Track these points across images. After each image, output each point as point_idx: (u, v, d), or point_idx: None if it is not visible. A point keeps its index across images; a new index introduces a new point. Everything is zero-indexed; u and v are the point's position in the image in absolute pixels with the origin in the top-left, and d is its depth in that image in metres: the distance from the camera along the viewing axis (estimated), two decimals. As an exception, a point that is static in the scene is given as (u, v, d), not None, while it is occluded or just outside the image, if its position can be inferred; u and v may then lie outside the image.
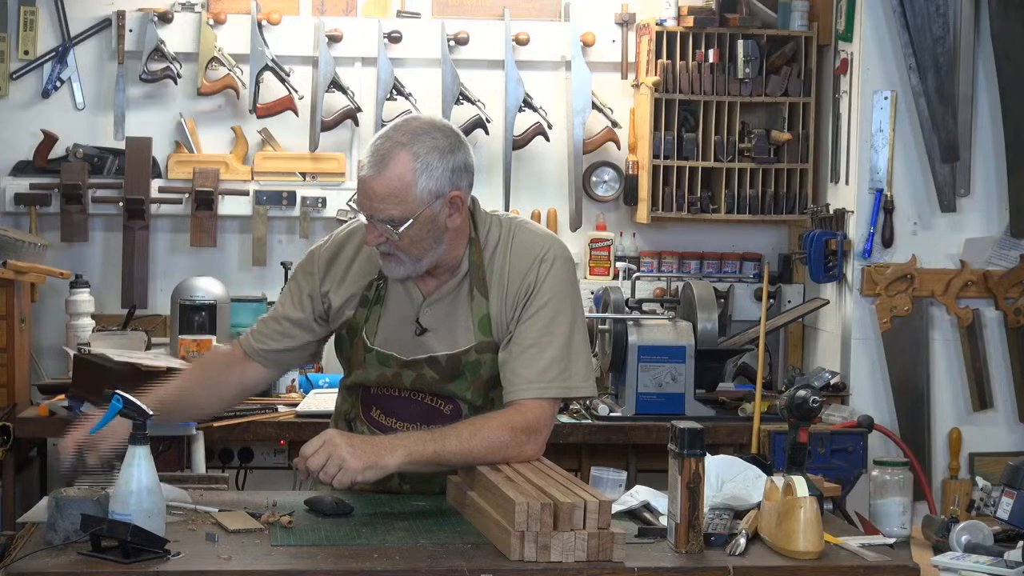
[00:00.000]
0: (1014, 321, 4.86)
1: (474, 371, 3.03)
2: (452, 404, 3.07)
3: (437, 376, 3.04)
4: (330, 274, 3.10)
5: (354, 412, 3.17)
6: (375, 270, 3.04)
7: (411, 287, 3.04)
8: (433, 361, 3.03)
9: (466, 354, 3.02)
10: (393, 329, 3.05)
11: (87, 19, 5.09)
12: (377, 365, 3.06)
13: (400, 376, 3.05)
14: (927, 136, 4.80)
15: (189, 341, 4.47)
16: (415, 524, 2.93)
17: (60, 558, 2.62)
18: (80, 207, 5.00)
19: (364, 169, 2.91)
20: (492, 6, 5.20)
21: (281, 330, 3.14)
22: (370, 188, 2.90)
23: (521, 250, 3.03)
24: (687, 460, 2.74)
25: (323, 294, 3.10)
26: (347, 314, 3.09)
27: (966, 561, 3.05)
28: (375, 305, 3.06)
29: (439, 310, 3.04)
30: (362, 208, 2.93)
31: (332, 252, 3.12)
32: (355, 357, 3.10)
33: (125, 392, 2.86)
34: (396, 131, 2.92)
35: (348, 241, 3.12)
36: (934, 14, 4.72)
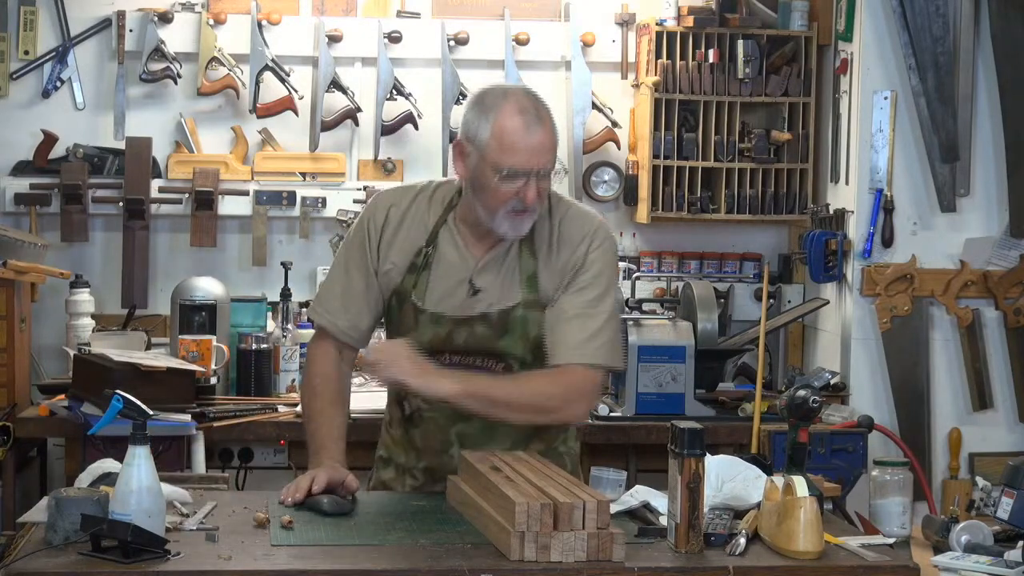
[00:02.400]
0: (1014, 321, 4.86)
1: (522, 327, 3.13)
2: (503, 363, 3.16)
3: (488, 332, 3.13)
4: (383, 243, 3.20)
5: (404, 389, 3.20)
6: (423, 238, 3.17)
7: (464, 251, 3.16)
8: (484, 317, 3.13)
9: (514, 310, 3.13)
10: (445, 291, 3.15)
11: (87, 19, 5.09)
12: (430, 326, 3.15)
13: (452, 335, 3.14)
14: (927, 136, 4.80)
15: (189, 341, 4.47)
16: (415, 524, 2.93)
17: (60, 558, 2.62)
18: (80, 207, 5.00)
19: (526, 127, 3.03)
20: (492, 6, 5.20)
21: (367, 306, 3.23)
22: (540, 143, 3.05)
23: (573, 222, 3.18)
24: (687, 460, 2.74)
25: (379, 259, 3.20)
26: (395, 280, 3.19)
27: (966, 561, 3.05)
28: (423, 271, 3.16)
29: (492, 271, 3.16)
30: (529, 165, 3.03)
31: (382, 221, 3.21)
32: (404, 323, 3.18)
33: (125, 392, 2.86)
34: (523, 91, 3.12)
35: (397, 206, 3.22)
36: (934, 14, 4.72)
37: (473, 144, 3.07)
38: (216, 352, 4.48)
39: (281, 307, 4.85)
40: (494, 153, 3.04)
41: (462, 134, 3.12)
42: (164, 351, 4.63)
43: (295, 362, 4.63)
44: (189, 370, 4.31)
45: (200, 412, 4.25)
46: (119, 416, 2.87)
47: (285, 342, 4.66)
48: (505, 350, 3.15)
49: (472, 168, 3.09)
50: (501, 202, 3.05)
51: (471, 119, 3.09)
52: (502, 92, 3.11)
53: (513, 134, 3.03)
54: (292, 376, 4.62)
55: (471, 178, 3.10)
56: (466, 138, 3.10)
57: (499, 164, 3.03)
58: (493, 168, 3.04)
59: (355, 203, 5.09)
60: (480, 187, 3.08)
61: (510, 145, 3.03)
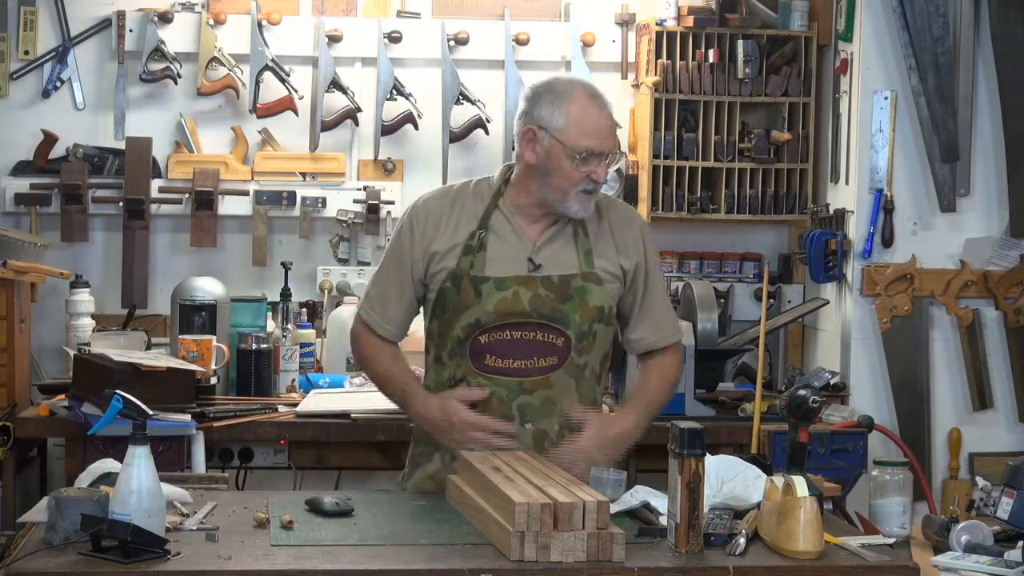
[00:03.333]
0: (1014, 321, 4.86)
1: (581, 296, 3.32)
2: (563, 337, 3.32)
3: (551, 295, 3.31)
4: (428, 232, 3.37)
5: (461, 371, 3.34)
6: (474, 222, 3.35)
7: (520, 233, 3.35)
8: (547, 280, 3.32)
9: (573, 279, 3.33)
10: (503, 267, 3.32)
11: (87, 19, 5.09)
12: (495, 292, 3.30)
13: (519, 296, 3.30)
14: (927, 136, 4.80)
15: (189, 341, 4.46)
16: (415, 524, 2.94)
17: (60, 558, 2.62)
18: (80, 207, 5.00)
19: (599, 111, 3.28)
20: (492, 6, 5.20)
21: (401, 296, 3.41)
22: (611, 126, 3.30)
23: (617, 210, 3.46)
24: (687, 460, 2.75)
25: (428, 253, 3.36)
26: (449, 264, 3.34)
27: (966, 561, 3.05)
28: (479, 251, 3.33)
29: (550, 248, 3.35)
30: (603, 147, 3.27)
31: (423, 221, 3.39)
32: (464, 300, 3.32)
33: (125, 392, 2.87)
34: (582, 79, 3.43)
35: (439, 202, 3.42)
36: (934, 14, 4.72)
37: (547, 130, 3.28)
38: (216, 352, 4.48)
39: (281, 307, 4.85)
40: (572, 136, 3.26)
41: (531, 121, 3.31)
42: (164, 351, 4.63)
43: (295, 362, 4.63)
44: (189, 370, 4.31)
45: (200, 412, 4.24)
46: (119, 416, 2.87)
47: (285, 342, 4.66)
48: (566, 316, 3.32)
49: (544, 152, 3.29)
50: (574, 183, 3.27)
51: (543, 106, 3.30)
52: (569, 81, 3.38)
53: (589, 117, 3.27)
54: (292, 376, 4.62)
55: (542, 162, 3.30)
56: (538, 125, 3.29)
57: (576, 146, 3.25)
58: (570, 150, 3.25)
59: (355, 203, 5.10)
60: (553, 170, 3.28)
61: (587, 128, 3.26)
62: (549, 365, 3.32)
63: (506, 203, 3.37)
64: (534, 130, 3.30)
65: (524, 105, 3.36)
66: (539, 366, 3.32)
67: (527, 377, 3.31)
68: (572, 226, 3.36)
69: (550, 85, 3.34)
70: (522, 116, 3.35)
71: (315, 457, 4.41)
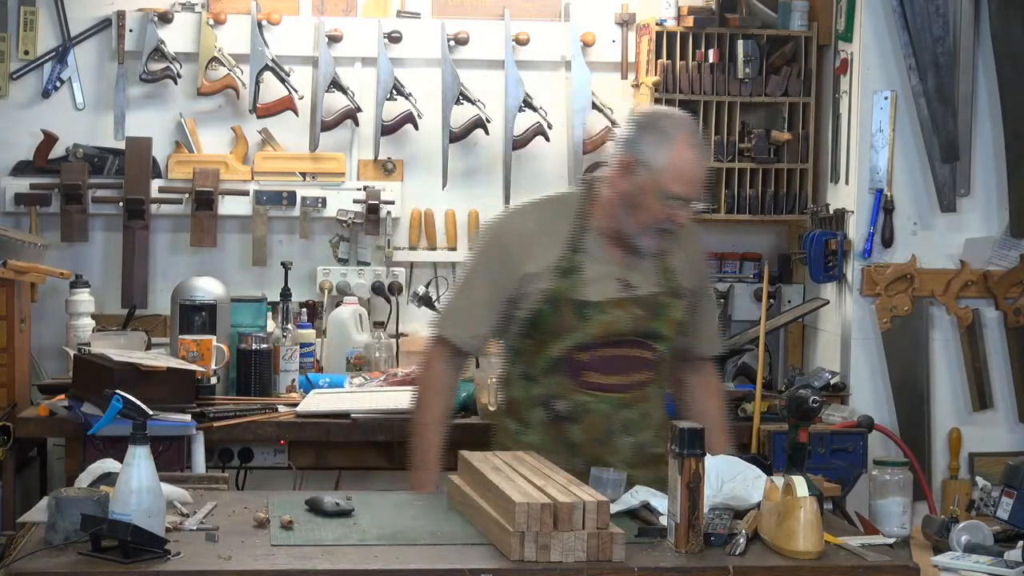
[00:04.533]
0: (1014, 321, 4.86)
1: (666, 311, 3.45)
2: (652, 350, 3.45)
3: (644, 313, 3.42)
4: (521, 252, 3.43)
5: (557, 389, 3.42)
6: (561, 242, 3.41)
7: (608, 254, 3.43)
8: (640, 300, 3.43)
9: (658, 296, 3.45)
10: (598, 289, 3.40)
11: (87, 19, 5.09)
12: (596, 316, 3.39)
13: (619, 320, 3.40)
14: (927, 136, 4.80)
15: (189, 341, 4.46)
16: (415, 524, 2.94)
17: (60, 558, 2.62)
18: (80, 207, 5.00)
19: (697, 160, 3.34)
20: (492, 6, 5.20)
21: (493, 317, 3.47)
22: (704, 176, 3.37)
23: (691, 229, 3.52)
24: (687, 460, 2.75)
25: (519, 274, 3.42)
26: (543, 285, 3.40)
27: (966, 561, 3.05)
28: (574, 273, 3.40)
29: (636, 267, 3.44)
30: (692, 195, 3.35)
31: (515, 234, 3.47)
32: (563, 323, 3.39)
33: (125, 392, 2.87)
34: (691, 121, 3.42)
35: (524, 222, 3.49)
36: (934, 14, 4.72)
37: (645, 166, 3.32)
38: (216, 352, 4.48)
39: (281, 307, 4.85)
40: (667, 179, 3.31)
41: (630, 153, 3.34)
42: (164, 351, 4.63)
43: (295, 362, 4.63)
44: (189, 370, 4.31)
45: (200, 412, 4.24)
46: (119, 416, 2.87)
47: (285, 342, 4.66)
48: (656, 332, 3.44)
49: (636, 186, 3.34)
50: (655, 220, 3.34)
51: (645, 142, 3.32)
52: (676, 123, 3.37)
53: (688, 167, 3.32)
54: (292, 376, 4.62)
55: (631, 194, 3.35)
56: (636, 158, 3.33)
57: (669, 190, 3.31)
58: (660, 192, 3.31)
59: (355, 203, 5.10)
60: (640, 204, 3.34)
61: (683, 175, 3.32)
62: (644, 379, 3.43)
63: (593, 223, 3.44)
64: (631, 162, 3.33)
65: (627, 133, 3.38)
66: (635, 380, 3.42)
67: (626, 392, 3.41)
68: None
69: (657, 122, 3.37)
70: (623, 143, 3.37)
71: (315, 457, 4.41)
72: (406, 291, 5.12)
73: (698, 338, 3.59)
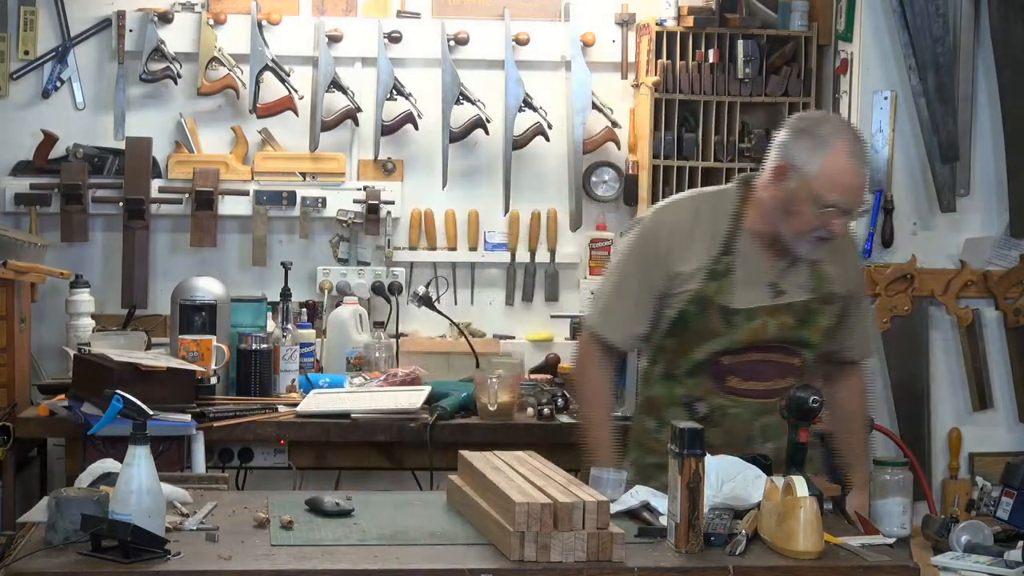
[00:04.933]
0: (1014, 321, 4.86)
1: (815, 318, 3.42)
2: (798, 357, 3.43)
3: (792, 321, 3.40)
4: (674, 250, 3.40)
5: (700, 391, 3.42)
6: (718, 244, 3.37)
7: (762, 258, 3.39)
8: (789, 307, 3.39)
9: (811, 303, 3.41)
10: (749, 294, 3.37)
11: (87, 19, 5.09)
12: (745, 323, 3.37)
13: (767, 327, 3.38)
14: (927, 136, 4.80)
15: (189, 341, 4.46)
16: (415, 524, 2.94)
17: (60, 558, 2.62)
18: (80, 207, 5.00)
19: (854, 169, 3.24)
20: (492, 6, 5.20)
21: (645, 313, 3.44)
22: (861, 185, 3.28)
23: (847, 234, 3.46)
24: (687, 460, 2.75)
25: (671, 272, 3.39)
26: (693, 287, 3.38)
27: (966, 561, 3.05)
28: (725, 276, 3.37)
29: (790, 272, 3.40)
30: (848, 205, 3.26)
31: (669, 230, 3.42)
32: (710, 327, 3.38)
33: (125, 392, 2.87)
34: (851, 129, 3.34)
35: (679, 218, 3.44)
36: (934, 14, 4.72)
37: (798, 172, 3.26)
38: (216, 352, 4.47)
39: (281, 307, 4.85)
40: (820, 187, 3.24)
41: (785, 158, 3.29)
42: (164, 351, 4.62)
43: (295, 362, 4.63)
44: (189, 370, 4.31)
45: (200, 412, 4.24)
46: (119, 416, 2.87)
47: (285, 342, 4.66)
48: (803, 339, 3.42)
49: (789, 192, 3.29)
50: (809, 228, 3.28)
51: (801, 147, 3.27)
52: (834, 128, 3.30)
53: (843, 174, 3.24)
54: (292, 376, 4.62)
55: (784, 200, 3.30)
56: (790, 164, 3.27)
57: (822, 199, 3.24)
58: (814, 199, 3.25)
59: (355, 203, 5.10)
60: (792, 211, 3.29)
61: (838, 184, 3.24)
62: (788, 385, 3.37)
63: (747, 224, 3.40)
64: (786, 167, 3.28)
65: (783, 136, 3.33)
66: (778, 387, 3.39)
67: (768, 398, 3.39)
68: None
69: (814, 127, 3.30)
70: (779, 147, 3.32)
71: (315, 457, 4.41)
72: (406, 291, 5.12)
73: (849, 342, 3.55)
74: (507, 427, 4.34)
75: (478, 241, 5.22)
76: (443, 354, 5.01)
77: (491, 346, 5.07)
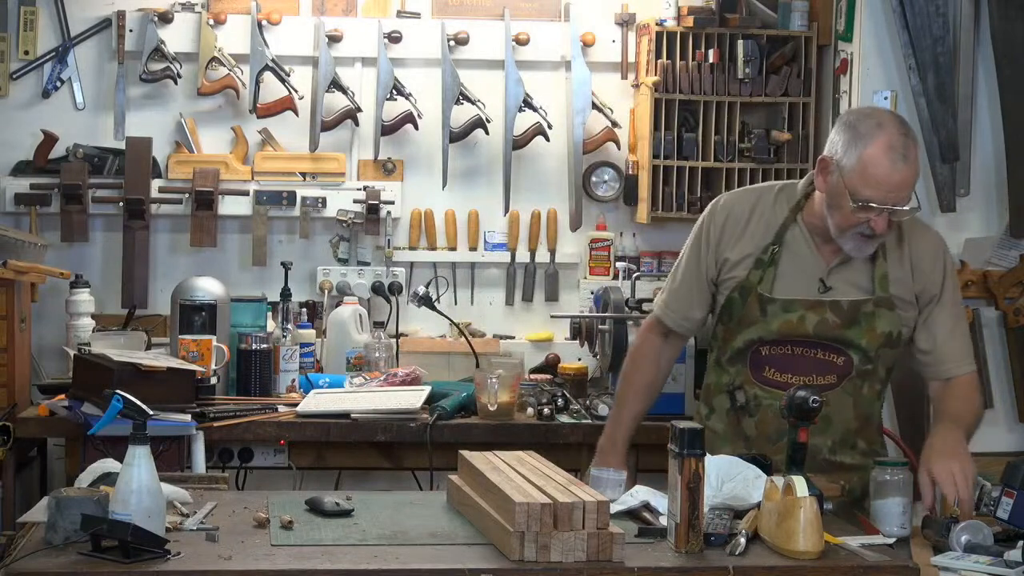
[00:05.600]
0: (1014, 321, 4.86)
1: (869, 321, 3.35)
2: (844, 357, 3.37)
3: (838, 320, 3.33)
4: (725, 237, 3.42)
5: (740, 379, 3.42)
6: (771, 235, 3.37)
7: (815, 251, 3.36)
8: (836, 305, 3.33)
9: (864, 304, 3.33)
10: (793, 287, 3.36)
11: (87, 19, 5.09)
12: (781, 314, 3.35)
13: (804, 320, 3.34)
14: (927, 136, 4.80)
15: (189, 341, 4.46)
16: (415, 524, 2.94)
17: (60, 558, 2.62)
18: (80, 207, 5.00)
19: (892, 164, 3.16)
20: (492, 6, 5.20)
21: (701, 297, 3.48)
22: (901, 181, 3.18)
23: (923, 236, 3.42)
24: (687, 460, 2.75)
25: (720, 259, 3.43)
26: (739, 275, 3.39)
27: (966, 561, 3.04)
28: (770, 267, 3.36)
29: (844, 269, 3.35)
30: (885, 202, 3.18)
31: (722, 222, 3.44)
32: (748, 315, 3.38)
33: (125, 392, 2.87)
34: (897, 124, 3.22)
35: (739, 206, 3.44)
36: (934, 14, 4.72)
37: (838, 166, 3.23)
38: (216, 352, 4.48)
39: (281, 307, 4.85)
40: (855, 182, 3.20)
41: (829, 151, 3.27)
42: (164, 351, 4.63)
43: (295, 362, 4.63)
44: (189, 370, 4.31)
45: (200, 412, 4.24)
46: (119, 416, 2.87)
47: (285, 342, 4.66)
48: (851, 340, 3.35)
49: (831, 186, 3.26)
50: (851, 225, 3.24)
51: (842, 141, 3.24)
52: (877, 123, 3.23)
53: (877, 169, 3.18)
54: (292, 376, 4.62)
55: (828, 194, 3.28)
56: (832, 157, 3.25)
57: (857, 194, 3.19)
58: (851, 194, 3.20)
59: (355, 203, 5.10)
60: (834, 206, 3.26)
61: (872, 180, 3.18)
62: (827, 384, 3.37)
63: (805, 218, 3.38)
64: (828, 161, 3.27)
65: (833, 130, 3.31)
66: (816, 383, 3.35)
67: None
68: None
69: (857, 120, 3.26)
70: (829, 141, 3.30)
71: (315, 457, 4.41)
72: (406, 291, 5.12)
73: (940, 355, 3.42)
74: (507, 427, 4.34)
75: (478, 241, 5.23)
76: (443, 354, 5.02)
77: (491, 346, 5.07)
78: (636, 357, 3.61)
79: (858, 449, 3.46)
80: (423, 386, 4.52)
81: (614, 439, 3.55)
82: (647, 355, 3.59)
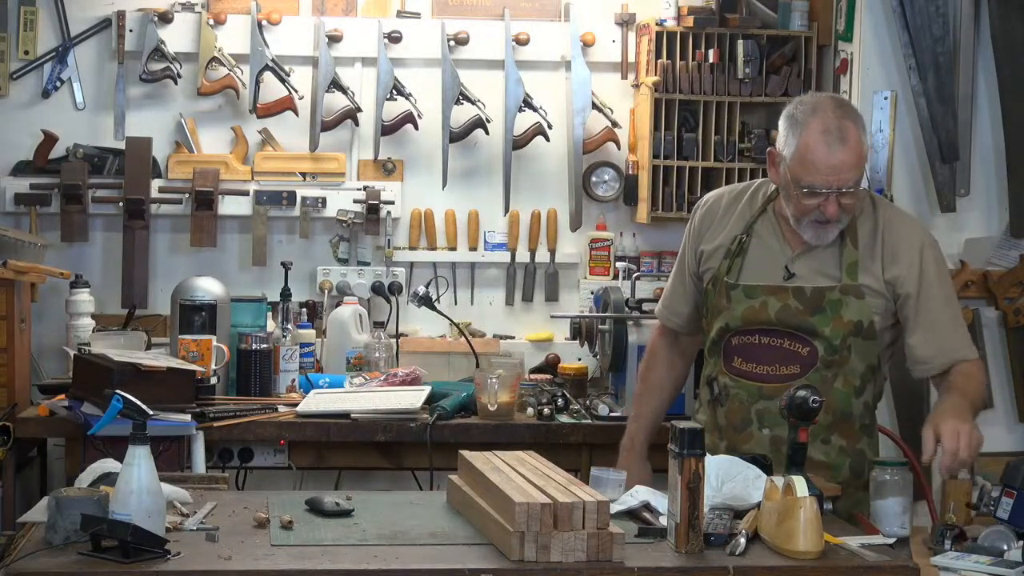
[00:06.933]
0: (1013, 321, 4.85)
1: (835, 309, 3.34)
2: (809, 347, 3.36)
3: (801, 307, 3.34)
4: (703, 230, 3.51)
5: (716, 370, 3.46)
6: (741, 227, 3.42)
7: (782, 242, 3.39)
8: (799, 291, 3.35)
9: (831, 291, 3.33)
10: (758, 274, 3.40)
11: (87, 19, 5.09)
12: (743, 299, 3.39)
13: (766, 306, 3.36)
14: (927, 136, 4.80)
15: (189, 341, 4.46)
16: (415, 524, 2.94)
17: (60, 558, 2.62)
18: (80, 207, 5.00)
19: (828, 148, 3.19)
20: (492, 6, 5.20)
21: (685, 292, 3.59)
22: (841, 163, 3.20)
23: (902, 225, 3.40)
24: (687, 460, 2.75)
25: (698, 252, 3.51)
26: (713, 266, 3.47)
27: (966, 561, 3.04)
28: (737, 256, 3.41)
29: (810, 257, 3.37)
30: (828, 185, 3.21)
31: (705, 211, 3.54)
32: (717, 304, 3.44)
33: (125, 392, 2.87)
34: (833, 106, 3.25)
35: (717, 201, 3.53)
36: (934, 14, 4.72)
37: (782, 156, 3.30)
38: (216, 352, 4.48)
39: (281, 307, 4.85)
40: (797, 170, 3.25)
41: (776, 143, 3.32)
42: (164, 351, 4.63)
43: (295, 362, 4.63)
44: (189, 370, 4.31)
45: (200, 412, 4.24)
46: (119, 416, 2.87)
47: (285, 342, 4.66)
48: (815, 329, 3.34)
49: (781, 177, 3.33)
50: (804, 213, 3.29)
51: (783, 131, 3.29)
52: (811, 108, 3.27)
53: (813, 154, 3.22)
54: (292, 376, 4.62)
55: (781, 185, 3.36)
56: (777, 149, 3.31)
57: (800, 180, 3.25)
58: (795, 182, 3.26)
59: (355, 203, 5.10)
60: (787, 196, 3.33)
61: (810, 165, 3.23)
62: (790, 373, 3.37)
63: (776, 208, 3.42)
64: (775, 153, 3.32)
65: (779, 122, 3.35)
66: (779, 373, 3.38)
67: (767, 383, 3.39)
68: (840, 235, 3.35)
69: (794, 109, 3.30)
70: (777, 133, 3.34)
71: (315, 457, 4.41)
72: (406, 291, 5.12)
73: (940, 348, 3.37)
74: (507, 427, 4.34)
75: (478, 241, 5.23)
76: (443, 354, 5.02)
77: (491, 346, 5.07)
78: (647, 356, 3.73)
79: (833, 445, 3.45)
80: (423, 386, 4.52)
81: (633, 437, 3.63)
82: (655, 353, 3.70)
